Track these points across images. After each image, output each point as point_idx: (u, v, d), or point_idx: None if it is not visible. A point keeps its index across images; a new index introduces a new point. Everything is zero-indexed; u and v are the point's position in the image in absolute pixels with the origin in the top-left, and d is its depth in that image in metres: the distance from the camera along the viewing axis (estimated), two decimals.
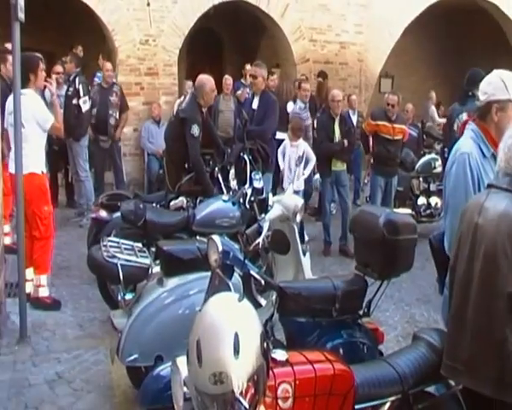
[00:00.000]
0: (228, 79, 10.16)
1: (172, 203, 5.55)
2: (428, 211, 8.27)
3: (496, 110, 3.07)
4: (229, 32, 14.37)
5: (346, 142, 7.45)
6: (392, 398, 2.68)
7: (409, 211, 7.72)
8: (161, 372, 2.83)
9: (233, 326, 1.98)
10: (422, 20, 12.26)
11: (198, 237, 4.52)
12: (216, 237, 3.42)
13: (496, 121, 3.10)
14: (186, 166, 5.89)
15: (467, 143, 3.15)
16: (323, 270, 6.52)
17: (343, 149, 7.50)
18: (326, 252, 7.51)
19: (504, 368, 2.46)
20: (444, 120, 9.39)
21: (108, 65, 9.01)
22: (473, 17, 13.60)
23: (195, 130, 5.71)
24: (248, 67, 11.23)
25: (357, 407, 2.53)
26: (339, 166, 7.57)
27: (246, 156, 5.60)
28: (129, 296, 4.02)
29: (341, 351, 3.28)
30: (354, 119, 9.21)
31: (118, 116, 8.94)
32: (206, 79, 6.03)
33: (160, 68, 10.32)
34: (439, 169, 8.30)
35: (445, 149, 7.40)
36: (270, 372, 2.21)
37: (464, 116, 6.15)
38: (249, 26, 13.27)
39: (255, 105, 6.63)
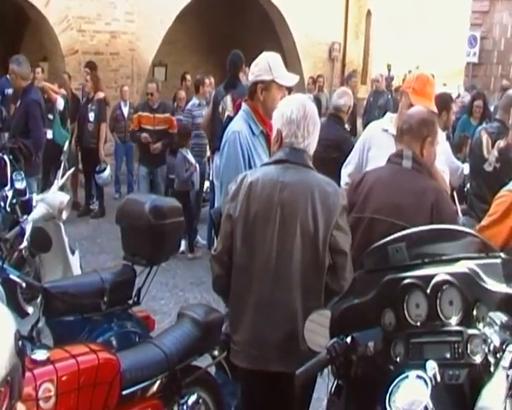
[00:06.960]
0: None
1: None
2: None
3: (261, 90, 3.31)
4: None
5: None
6: (160, 377, 2.80)
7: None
8: None
9: None
10: (194, 7, 12.50)
11: None
12: None
13: (262, 100, 3.33)
14: None
15: (238, 123, 3.37)
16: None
17: None
18: None
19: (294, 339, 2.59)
20: None
21: None
22: (244, 5, 14.17)
23: None
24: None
25: (124, 392, 2.59)
26: None
27: (6, 156, 5.29)
28: None
29: (114, 343, 3.32)
30: (126, 110, 9.16)
31: None
32: None
33: None
34: None
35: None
36: (30, 374, 2.17)
37: (228, 99, 6.27)
38: (10, 17, 12.41)
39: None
